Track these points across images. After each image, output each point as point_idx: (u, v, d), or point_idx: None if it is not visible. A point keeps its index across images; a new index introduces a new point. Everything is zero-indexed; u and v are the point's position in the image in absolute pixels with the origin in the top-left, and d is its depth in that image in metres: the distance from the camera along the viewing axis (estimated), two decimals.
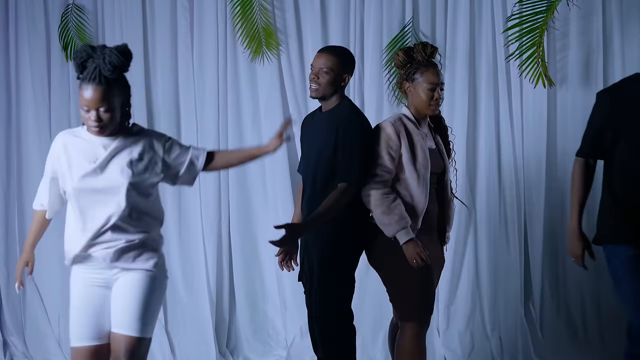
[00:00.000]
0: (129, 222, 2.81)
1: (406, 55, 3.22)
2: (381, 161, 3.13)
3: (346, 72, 3.27)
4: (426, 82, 3.16)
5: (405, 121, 3.20)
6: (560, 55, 4.57)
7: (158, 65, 4.79)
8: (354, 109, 3.28)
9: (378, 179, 3.13)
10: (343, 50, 3.37)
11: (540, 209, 4.55)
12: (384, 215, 3.11)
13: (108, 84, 2.70)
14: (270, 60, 4.68)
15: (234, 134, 4.76)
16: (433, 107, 3.18)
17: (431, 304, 3.25)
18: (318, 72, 3.25)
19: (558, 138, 4.57)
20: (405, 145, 3.14)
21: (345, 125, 3.17)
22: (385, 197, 3.10)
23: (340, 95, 3.30)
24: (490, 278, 4.59)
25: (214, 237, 4.75)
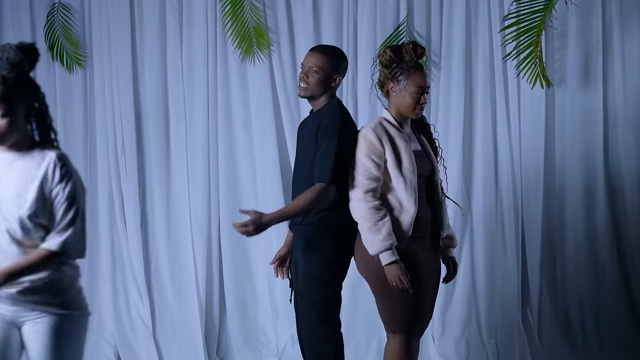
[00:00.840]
0: None
1: (394, 54, 3.10)
2: (367, 169, 3.02)
3: (337, 73, 3.19)
4: (414, 85, 3.05)
5: (387, 125, 3.09)
6: (559, 55, 4.52)
7: (146, 65, 4.75)
8: (339, 109, 3.19)
9: (367, 189, 3.01)
10: (335, 50, 3.30)
11: (538, 213, 4.50)
12: (370, 233, 2.99)
13: (6, 84, 2.32)
14: (262, 61, 4.62)
15: (224, 136, 4.71)
16: (418, 111, 3.09)
17: (419, 316, 3.14)
18: (308, 71, 3.18)
19: (556, 140, 4.53)
20: (389, 150, 3.03)
21: (326, 125, 3.09)
22: (374, 213, 2.98)
23: (329, 95, 3.22)
24: (486, 283, 4.53)
25: (204, 241, 4.69)
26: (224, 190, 4.69)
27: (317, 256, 3.13)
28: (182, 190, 4.70)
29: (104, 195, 4.77)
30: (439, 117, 4.52)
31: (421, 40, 4.53)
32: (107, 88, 4.74)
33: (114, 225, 4.77)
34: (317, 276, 3.13)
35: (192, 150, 4.69)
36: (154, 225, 4.73)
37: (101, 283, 4.79)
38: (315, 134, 3.10)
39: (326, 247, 3.14)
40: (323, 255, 3.13)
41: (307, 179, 3.12)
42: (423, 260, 3.11)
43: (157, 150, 4.72)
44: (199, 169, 4.68)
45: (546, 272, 4.56)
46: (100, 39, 4.73)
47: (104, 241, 4.78)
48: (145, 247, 4.77)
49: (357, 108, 4.56)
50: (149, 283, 4.76)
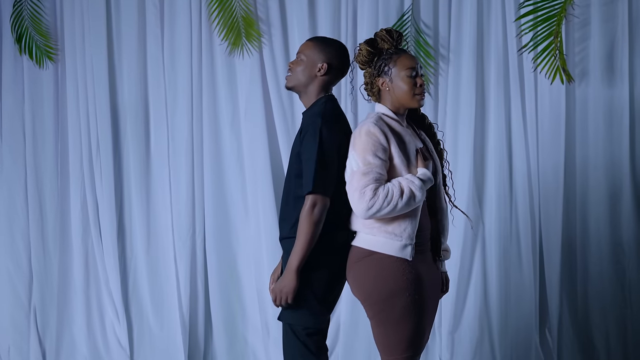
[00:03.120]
0: None
1: (371, 47, 2.91)
2: (373, 168, 2.78)
3: (323, 60, 2.95)
4: (403, 68, 2.85)
5: (387, 119, 2.88)
6: (580, 47, 4.38)
7: (124, 59, 4.61)
8: (324, 107, 2.95)
9: (375, 187, 2.78)
10: (325, 38, 3.09)
11: (557, 223, 4.39)
12: (405, 204, 2.77)
13: None
14: (251, 54, 4.50)
15: (210, 138, 4.58)
16: (419, 96, 2.86)
17: (420, 338, 2.91)
18: (294, 60, 3.03)
19: (577, 141, 4.41)
20: (394, 145, 2.81)
21: (306, 129, 2.88)
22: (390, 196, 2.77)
23: (318, 89, 2.99)
24: (500, 300, 4.42)
25: (187, 254, 4.58)
26: (210, 198, 4.56)
27: (304, 275, 2.89)
28: (163, 197, 4.59)
29: (76, 202, 4.64)
30: (447, 116, 4.42)
31: (428, 32, 4.42)
32: (80, 84, 4.62)
33: (87, 235, 4.66)
34: (301, 298, 2.90)
35: (174, 153, 4.57)
36: (132, 235, 4.64)
37: (73, 299, 4.67)
38: (301, 138, 2.93)
39: (315, 266, 2.90)
40: (310, 274, 2.90)
41: (295, 187, 2.94)
42: (425, 276, 2.90)
43: (135, 153, 4.60)
44: (182, 173, 4.57)
45: (566, 288, 4.46)
46: (73, 30, 4.60)
47: (76, 253, 4.66)
48: (123, 259, 4.66)
49: (357, 106, 4.40)
50: (127, 300, 4.66)
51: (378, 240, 2.83)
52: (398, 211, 2.77)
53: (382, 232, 2.82)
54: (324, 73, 2.97)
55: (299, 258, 2.84)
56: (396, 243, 2.81)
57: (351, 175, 2.81)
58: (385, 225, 2.82)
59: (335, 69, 3.00)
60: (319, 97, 3.00)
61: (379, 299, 2.82)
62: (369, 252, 2.84)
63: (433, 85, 4.42)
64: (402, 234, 2.82)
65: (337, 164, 2.87)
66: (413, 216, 2.84)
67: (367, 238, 2.85)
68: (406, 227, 2.83)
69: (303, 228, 2.83)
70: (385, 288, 2.81)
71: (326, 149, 2.85)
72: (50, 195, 4.65)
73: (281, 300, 2.86)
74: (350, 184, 2.80)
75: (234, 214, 4.58)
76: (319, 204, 2.84)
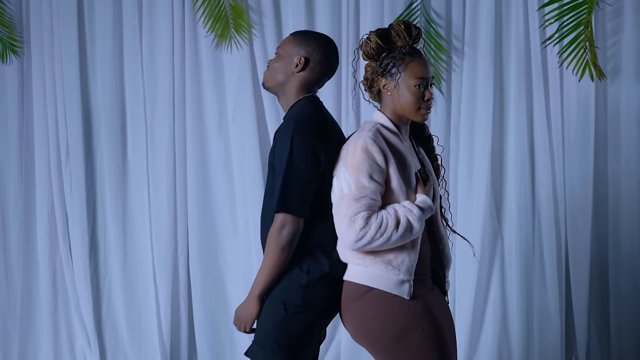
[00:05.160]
0: None
1: (382, 40, 2.72)
2: (366, 193, 2.59)
3: (300, 54, 2.80)
4: (412, 76, 2.68)
5: (386, 133, 2.70)
6: (613, 40, 4.25)
7: (97, 53, 4.51)
8: (302, 109, 2.78)
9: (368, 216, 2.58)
10: (308, 31, 2.93)
11: (586, 238, 4.30)
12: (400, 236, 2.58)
13: None
14: (240, 47, 4.39)
15: (195, 142, 4.48)
16: (424, 110, 2.71)
17: None
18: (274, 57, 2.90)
19: (609, 146, 4.31)
20: (393, 167, 2.63)
21: (280, 132, 2.74)
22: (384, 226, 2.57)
23: (297, 89, 2.81)
24: (521, 324, 4.34)
25: (168, 273, 4.49)
26: (194, 209, 4.48)
27: (274, 309, 2.69)
28: (141, 208, 4.50)
29: (43, 215, 4.54)
30: (461, 117, 4.31)
31: (440, 22, 4.31)
32: (48, 81, 4.51)
33: (55, 251, 4.56)
34: (270, 333, 2.68)
35: (154, 159, 4.47)
36: (106, 252, 4.56)
37: (39, 324, 4.58)
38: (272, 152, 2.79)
39: (291, 302, 2.69)
40: (285, 309, 2.68)
41: (269, 213, 2.74)
42: (431, 301, 2.70)
43: (110, 159, 4.52)
44: (163, 182, 4.47)
45: (596, 312, 4.38)
46: (40, 21, 4.49)
47: (42, 272, 4.55)
48: (95, 279, 4.57)
49: (359, 103, 4.28)
50: (100, 325, 4.56)
51: (371, 273, 2.60)
52: (391, 244, 2.58)
53: (376, 263, 2.61)
54: (301, 68, 2.78)
55: (262, 284, 2.68)
56: (392, 277, 2.59)
57: (340, 199, 2.59)
58: (379, 255, 2.61)
59: (316, 64, 2.79)
60: (298, 98, 2.81)
61: (390, 342, 2.58)
62: (367, 289, 2.61)
63: (445, 82, 4.29)
64: (399, 266, 2.60)
65: (315, 176, 2.66)
66: (412, 247, 2.63)
67: (359, 271, 2.63)
68: (404, 259, 2.61)
69: (269, 251, 2.66)
70: (393, 328, 2.57)
71: (298, 160, 2.66)
72: (13, 207, 4.57)
73: (240, 327, 2.74)
74: (338, 209, 2.59)
75: (221, 228, 4.50)
76: (289, 226, 2.65)
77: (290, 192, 2.63)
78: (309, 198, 2.65)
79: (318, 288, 2.66)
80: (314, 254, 2.69)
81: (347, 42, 4.22)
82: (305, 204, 2.64)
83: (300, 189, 2.64)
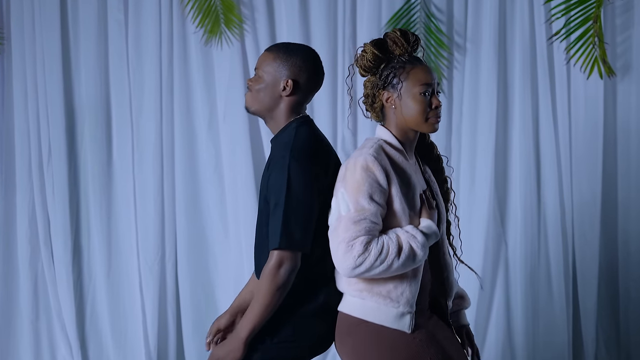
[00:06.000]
0: None
1: (379, 50, 2.60)
2: (366, 215, 2.47)
3: (287, 76, 2.64)
4: (416, 83, 2.58)
5: (390, 150, 2.58)
6: (623, 36, 4.20)
7: (81, 49, 4.46)
8: (294, 133, 2.65)
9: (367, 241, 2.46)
10: (287, 45, 2.76)
11: (594, 243, 4.26)
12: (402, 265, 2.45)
13: None
14: (231, 43, 4.35)
15: (183, 142, 4.45)
16: (433, 119, 2.59)
17: None
18: (253, 76, 2.73)
19: (619, 146, 4.26)
20: (396, 187, 2.51)
21: (275, 161, 2.61)
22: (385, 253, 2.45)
23: (287, 112, 2.67)
24: (526, 334, 4.29)
25: (155, 280, 4.44)
26: (183, 214, 4.45)
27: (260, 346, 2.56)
28: (127, 212, 4.46)
29: (23, 219, 4.48)
30: (463, 117, 4.29)
31: (441, 17, 4.29)
32: (29, 78, 4.45)
33: (36, 257, 4.50)
34: None
35: (140, 161, 4.44)
36: (89, 258, 4.51)
37: (19, 334, 4.52)
38: (267, 178, 2.65)
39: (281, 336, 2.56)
40: (270, 346, 2.55)
41: (265, 246, 2.61)
42: (435, 332, 2.58)
43: (94, 161, 4.47)
44: (150, 185, 4.43)
45: (604, 320, 4.33)
46: (21, 15, 4.43)
47: (23, 279, 4.49)
48: (78, 287, 4.51)
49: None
50: (83, 335, 4.51)
51: (368, 305, 2.49)
52: (392, 272, 2.46)
53: (373, 294, 2.49)
54: (290, 92, 2.64)
55: (252, 327, 2.52)
56: (391, 310, 2.47)
57: (337, 221, 2.46)
58: (377, 285, 2.49)
59: (304, 84, 2.67)
60: (289, 121, 2.68)
61: None
62: (362, 322, 2.50)
63: (447, 80, 4.24)
64: (398, 298, 2.49)
65: (317, 206, 2.54)
66: (413, 277, 2.50)
67: (355, 302, 2.52)
68: (404, 290, 2.49)
69: (263, 290, 2.50)
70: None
71: (298, 190, 2.52)
72: None
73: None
74: (335, 232, 2.46)
75: (211, 233, 4.46)
76: (287, 263, 2.50)
77: (292, 226, 2.50)
78: (311, 230, 2.54)
79: (313, 319, 2.57)
80: (313, 283, 2.59)
81: (343, 38, 4.16)
82: (309, 237, 2.52)
83: (303, 221, 2.52)
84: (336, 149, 4.20)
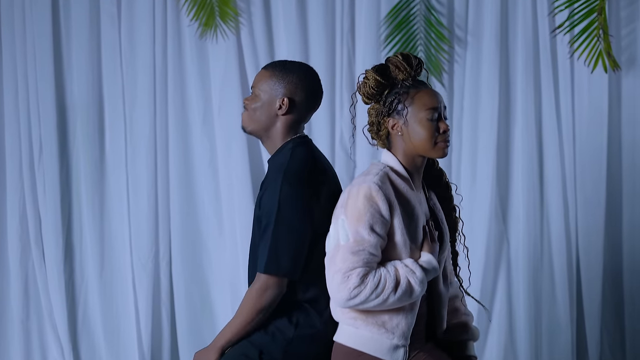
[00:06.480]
0: None
1: (381, 76, 2.56)
2: (365, 246, 2.43)
3: (283, 94, 2.64)
4: (423, 107, 2.53)
5: (395, 179, 2.54)
6: (628, 29, 4.15)
7: (73, 43, 4.44)
8: (289, 155, 2.64)
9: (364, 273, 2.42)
10: (284, 63, 2.74)
11: (598, 242, 4.20)
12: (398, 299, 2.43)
13: None
14: (227, 37, 4.33)
15: (177, 137, 4.41)
16: (442, 144, 2.56)
17: None
18: (250, 95, 2.73)
19: (624, 143, 4.23)
20: (398, 218, 2.47)
21: (267, 187, 2.60)
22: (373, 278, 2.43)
23: (283, 132, 2.66)
24: (529, 336, 4.25)
25: (149, 279, 4.41)
26: (177, 211, 4.42)
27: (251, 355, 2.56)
28: (120, 210, 4.44)
29: (14, 217, 4.46)
30: (464, 112, 4.25)
31: (441, 9, 4.26)
32: (20, 73, 4.43)
33: (27, 256, 4.48)
34: None
35: (133, 157, 4.42)
36: (82, 256, 4.48)
37: (9, 334, 4.49)
38: (260, 200, 2.64)
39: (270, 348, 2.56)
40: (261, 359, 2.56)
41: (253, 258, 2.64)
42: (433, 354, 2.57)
43: (86, 157, 4.44)
44: (143, 181, 4.40)
45: (609, 323, 4.28)
46: (11, 9, 4.42)
47: (13, 278, 4.47)
48: (70, 286, 4.48)
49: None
50: (75, 336, 4.47)
51: (362, 335, 2.47)
52: (387, 306, 2.45)
53: (368, 324, 2.47)
54: (286, 111, 2.62)
55: (229, 338, 2.56)
56: (385, 342, 2.45)
57: (335, 249, 2.43)
58: (372, 315, 2.47)
59: (301, 102, 2.64)
60: (285, 141, 2.66)
61: None
62: (357, 353, 2.48)
63: (447, 74, 4.20)
64: (393, 329, 2.47)
65: (310, 231, 2.53)
66: (410, 310, 2.48)
67: (349, 332, 2.49)
68: (399, 322, 2.47)
69: (245, 309, 2.53)
70: None
71: (288, 214, 2.51)
72: None
73: None
74: (332, 261, 2.43)
75: (206, 231, 4.42)
76: (272, 289, 2.51)
77: (281, 251, 2.49)
78: (302, 257, 2.51)
79: (304, 345, 2.53)
80: (305, 309, 2.56)
81: (342, 31, 4.12)
82: (298, 265, 2.50)
83: (293, 247, 2.51)
84: (334, 145, 4.19)
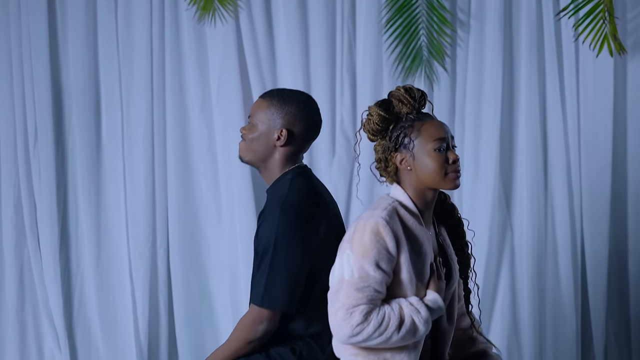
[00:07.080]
0: None
1: (385, 111, 2.55)
2: (370, 283, 2.40)
3: (282, 125, 2.62)
4: (430, 139, 2.51)
5: (404, 214, 2.51)
6: (635, 12, 4.10)
7: (69, 28, 4.40)
8: (288, 185, 2.62)
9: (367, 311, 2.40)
10: (282, 92, 2.72)
11: (604, 229, 4.18)
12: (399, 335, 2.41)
13: None
14: (225, 21, 4.29)
15: (175, 125, 4.38)
16: (452, 175, 2.54)
17: None
18: (247, 125, 2.71)
19: (629, 128, 4.17)
20: (405, 256, 2.44)
21: (264, 215, 2.59)
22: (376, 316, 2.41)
23: (281, 162, 2.65)
24: (533, 325, 4.22)
25: (146, 268, 4.39)
26: (174, 198, 4.39)
27: None
28: (117, 197, 4.41)
29: (8, 204, 4.43)
30: (467, 98, 4.21)
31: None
32: (14, 58, 4.39)
33: (22, 244, 4.46)
34: None
35: (130, 144, 4.38)
36: (77, 245, 4.46)
37: (4, 324, 4.46)
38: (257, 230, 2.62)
39: None
40: None
41: None
42: None
43: (82, 143, 4.40)
44: (140, 168, 4.37)
45: (614, 308, 4.25)
46: None
47: (8, 267, 4.44)
48: (66, 275, 4.46)
49: (356, 87, 4.19)
50: (70, 325, 4.45)
51: None
52: (390, 345, 2.43)
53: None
54: (284, 142, 2.59)
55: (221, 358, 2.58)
56: None
57: (339, 284, 2.40)
58: (374, 352, 2.45)
59: (300, 133, 2.62)
60: (284, 171, 2.64)
61: None
62: None
63: (450, 58, 4.16)
64: None
65: (308, 265, 2.51)
66: (414, 348, 2.47)
67: None
68: (402, 359, 2.48)
69: (235, 338, 2.52)
70: None
71: (284, 249, 2.49)
72: None
73: None
74: (335, 296, 2.41)
75: (204, 219, 4.38)
76: (266, 323, 2.50)
77: (277, 285, 2.47)
78: (299, 291, 2.49)
79: None
80: (308, 343, 2.54)
81: (342, 15, 4.07)
82: (295, 299, 2.48)
83: (289, 281, 2.48)
84: (334, 131, 4.15)
